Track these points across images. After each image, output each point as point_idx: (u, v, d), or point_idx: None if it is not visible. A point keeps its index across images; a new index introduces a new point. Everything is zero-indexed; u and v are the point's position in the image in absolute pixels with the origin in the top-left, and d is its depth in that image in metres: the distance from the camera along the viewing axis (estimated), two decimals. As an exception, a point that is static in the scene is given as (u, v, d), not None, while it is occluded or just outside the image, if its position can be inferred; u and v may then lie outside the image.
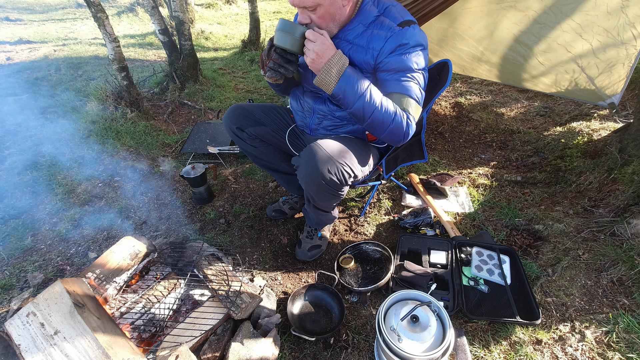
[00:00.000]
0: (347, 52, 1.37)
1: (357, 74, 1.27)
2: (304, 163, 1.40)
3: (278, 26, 1.26)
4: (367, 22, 1.35)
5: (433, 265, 1.73)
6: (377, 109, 1.27)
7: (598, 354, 1.36)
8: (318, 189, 1.45)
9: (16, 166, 2.66)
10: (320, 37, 1.22)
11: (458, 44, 3.11)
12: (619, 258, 1.65)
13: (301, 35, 1.24)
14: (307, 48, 1.23)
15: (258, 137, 1.73)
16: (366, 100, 1.25)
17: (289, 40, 1.25)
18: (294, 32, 1.23)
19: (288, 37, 1.25)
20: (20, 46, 5.95)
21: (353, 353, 1.44)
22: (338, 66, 1.24)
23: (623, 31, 2.23)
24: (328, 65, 1.23)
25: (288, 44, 1.26)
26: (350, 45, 1.37)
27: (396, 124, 1.30)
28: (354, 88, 1.25)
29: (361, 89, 1.25)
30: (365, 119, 1.30)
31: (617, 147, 2.20)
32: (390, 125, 1.30)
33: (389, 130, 1.32)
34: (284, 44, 1.26)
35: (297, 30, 1.23)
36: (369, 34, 1.33)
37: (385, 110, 1.27)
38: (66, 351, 1.07)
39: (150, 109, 3.40)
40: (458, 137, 2.94)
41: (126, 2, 8.99)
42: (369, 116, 1.28)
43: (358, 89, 1.25)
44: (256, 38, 5.35)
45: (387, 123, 1.29)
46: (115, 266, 1.51)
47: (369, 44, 1.33)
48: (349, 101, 1.27)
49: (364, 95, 1.25)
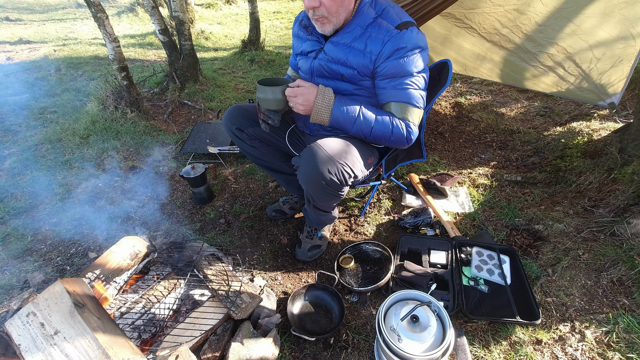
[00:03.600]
0: (345, 56, 1.38)
1: (345, 101, 1.36)
2: (304, 163, 1.40)
3: (259, 93, 1.39)
4: (364, 25, 1.35)
5: (433, 265, 1.73)
6: (374, 127, 1.36)
7: (598, 354, 1.36)
8: (318, 189, 1.45)
9: (16, 166, 2.66)
10: (297, 90, 1.33)
11: (463, 42, 3.11)
12: (619, 258, 1.65)
13: (282, 94, 1.36)
14: (293, 103, 1.36)
15: (257, 137, 1.73)
16: (361, 121, 1.36)
17: (272, 103, 1.39)
18: (275, 96, 1.37)
19: (270, 102, 1.39)
20: (20, 46, 5.95)
21: (353, 353, 1.44)
22: (325, 102, 1.34)
23: (622, 31, 2.24)
24: (317, 106, 1.35)
25: (273, 106, 1.40)
26: (349, 49, 1.38)
27: (396, 134, 1.38)
28: (346, 116, 1.35)
29: (353, 114, 1.35)
30: (366, 137, 1.41)
31: (617, 147, 2.20)
32: (390, 137, 1.39)
33: (391, 141, 1.40)
34: (269, 107, 1.41)
35: (276, 94, 1.36)
36: (366, 37, 1.34)
37: (383, 125, 1.36)
38: (66, 351, 1.07)
39: (150, 109, 3.40)
40: (458, 137, 2.94)
41: (126, 2, 9.00)
42: (368, 134, 1.38)
43: (350, 115, 1.35)
44: (256, 38, 5.35)
45: (387, 135, 1.38)
46: (115, 266, 1.51)
47: (366, 47, 1.34)
48: (346, 127, 1.38)
49: (357, 118, 1.35)
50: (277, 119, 1.47)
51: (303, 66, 1.58)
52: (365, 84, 1.43)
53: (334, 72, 1.45)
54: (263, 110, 1.47)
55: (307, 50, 1.53)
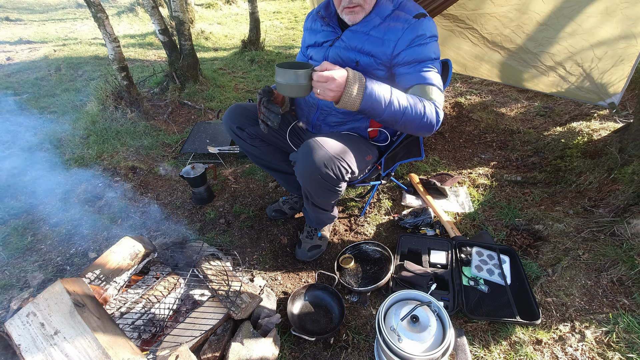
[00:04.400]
0: (362, 44, 1.41)
1: (376, 84, 1.23)
2: (301, 158, 1.41)
3: (279, 78, 1.18)
4: (383, 16, 1.39)
5: (433, 265, 1.73)
6: (407, 110, 1.26)
7: (598, 354, 1.36)
8: (315, 184, 1.45)
9: (16, 166, 2.66)
10: (328, 75, 1.14)
11: (462, 43, 3.11)
12: (619, 258, 1.65)
13: (307, 80, 1.17)
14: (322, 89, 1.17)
15: (258, 136, 1.73)
16: (394, 105, 1.24)
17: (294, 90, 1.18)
18: (298, 81, 1.16)
19: (293, 88, 1.18)
20: (20, 46, 5.95)
21: (353, 353, 1.44)
22: (357, 85, 1.19)
23: (623, 31, 2.23)
24: (348, 91, 1.19)
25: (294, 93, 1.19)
26: (367, 36, 1.40)
27: (427, 116, 1.29)
28: (379, 99, 1.22)
29: (386, 97, 1.23)
30: (397, 122, 1.29)
31: (617, 147, 2.20)
32: (422, 119, 1.29)
33: (422, 124, 1.30)
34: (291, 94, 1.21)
35: (300, 79, 1.16)
36: (385, 27, 1.38)
37: (415, 107, 1.27)
38: (66, 351, 1.07)
39: (150, 109, 3.40)
40: (458, 137, 2.94)
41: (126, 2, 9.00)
42: (400, 117, 1.27)
43: (383, 98, 1.22)
44: (256, 38, 5.35)
45: (419, 118, 1.28)
46: (115, 266, 1.51)
47: (384, 35, 1.37)
48: (377, 112, 1.25)
49: (391, 101, 1.23)
50: (276, 120, 1.41)
51: (316, 55, 1.58)
52: (379, 74, 1.44)
53: (349, 59, 1.46)
54: (264, 105, 1.42)
55: (322, 41, 1.55)
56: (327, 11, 1.52)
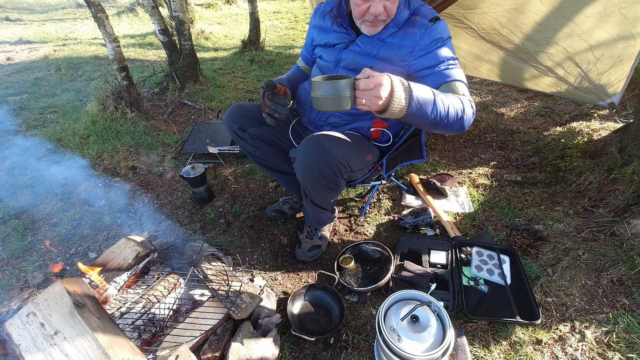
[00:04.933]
0: (377, 50, 1.41)
1: (417, 85, 1.10)
2: (301, 154, 1.41)
3: (319, 92, 1.05)
4: (400, 23, 1.39)
5: (433, 265, 1.73)
6: (449, 109, 1.16)
7: (598, 354, 1.36)
8: (313, 180, 1.46)
9: (16, 166, 2.66)
10: (373, 81, 1.01)
11: (460, 43, 3.11)
12: (619, 258, 1.65)
13: (351, 90, 1.03)
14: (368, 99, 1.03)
15: (259, 137, 1.72)
16: (439, 106, 1.13)
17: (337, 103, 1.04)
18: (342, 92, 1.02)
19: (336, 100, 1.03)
20: (20, 46, 5.95)
21: (353, 353, 1.44)
22: (403, 90, 1.06)
23: (622, 31, 2.23)
24: (395, 98, 1.05)
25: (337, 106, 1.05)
26: (382, 43, 1.40)
27: (467, 113, 1.22)
28: (426, 102, 1.10)
29: (430, 98, 1.11)
30: (438, 125, 1.18)
31: (617, 147, 2.20)
32: (463, 116, 1.21)
33: (461, 123, 1.22)
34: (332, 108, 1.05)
35: (345, 90, 1.02)
36: (401, 34, 1.38)
37: (456, 107, 1.18)
38: (66, 351, 1.07)
39: (150, 109, 3.40)
40: (458, 137, 2.94)
41: (126, 2, 9.00)
42: (444, 119, 1.16)
43: (429, 100, 1.10)
44: (256, 38, 5.35)
45: (460, 116, 1.20)
46: (115, 266, 1.51)
47: (401, 41, 1.38)
48: (423, 116, 1.12)
49: (435, 102, 1.12)
50: (284, 112, 1.36)
51: (327, 57, 1.55)
52: None
53: (362, 64, 1.45)
54: (269, 98, 1.37)
55: (334, 42, 1.52)
56: (339, 11, 1.50)
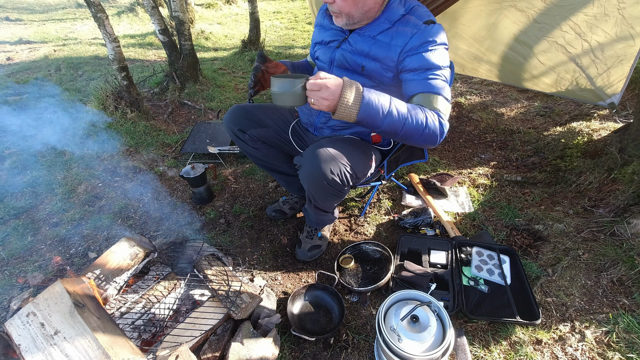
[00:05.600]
0: (368, 48, 1.38)
1: (374, 93, 1.16)
2: (307, 163, 1.40)
3: (274, 87, 1.17)
4: (393, 20, 1.35)
5: (433, 265, 1.73)
6: (407, 120, 1.18)
7: (598, 354, 1.36)
8: (320, 189, 1.45)
9: (16, 166, 2.66)
10: (322, 83, 1.10)
11: (459, 43, 3.11)
12: (619, 258, 1.65)
13: (302, 89, 1.15)
14: (315, 99, 1.13)
15: (260, 139, 1.72)
16: (393, 114, 1.16)
17: (289, 99, 1.16)
18: (294, 90, 1.14)
19: (287, 97, 1.15)
20: (20, 46, 5.95)
21: (353, 353, 1.44)
22: (353, 94, 1.12)
23: (622, 31, 2.23)
24: (344, 101, 1.12)
25: (290, 102, 1.16)
26: (373, 40, 1.37)
27: (430, 127, 1.22)
28: (377, 109, 1.15)
29: (384, 107, 1.15)
30: (397, 133, 1.21)
31: (617, 147, 2.20)
32: (424, 131, 1.21)
33: (424, 135, 1.23)
34: (286, 103, 1.17)
35: (296, 87, 1.14)
36: (393, 31, 1.34)
37: (416, 118, 1.19)
38: (66, 351, 1.07)
39: (150, 109, 3.40)
40: (458, 137, 2.94)
41: (126, 2, 8.99)
42: (400, 129, 1.20)
43: (381, 107, 1.15)
44: (256, 38, 5.35)
45: (420, 130, 1.21)
46: (115, 266, 1.51)
47: (392, 40, 1.34)
48: (375, 123, 1.18)
49: (390, 111, 1.16)
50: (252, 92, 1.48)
51: (322, 56, 1.55)
52: (385, 81, 1.41)
53: (355, 63, 1.43)
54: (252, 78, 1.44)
55: (328, 40, 1.52)
56: None
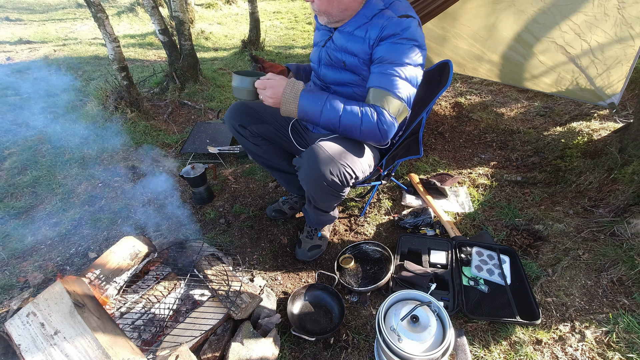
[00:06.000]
0: (346, 43, 1.40)
1: (312, 92, 1.32)
2: (306, 164, 1.40)
3: (233, 82, 1.41)
4: (370, 15, 1.36)
5: (433, 265, 1.73)
6: (342, 116, 1.29)
7: (598, 354, 1.36)
8: (320, 190, 1.45)
9: (16, 166, 2.66)
10: (266, 82, 1.31)
11: (459, 43, 3.12)
12: (619, 258, 1.65)
13: (252, 86, 1.35)
14: (262, 96, 1.34)
15: (260, 135, 1.73)
16: (327, 110, 1.29)
17: (243, 93, 1.40)
18: (244, 86, 1.38)
19: (241, 91, 1.40)
20: (20, 46, 5.94)
21: (353, 353, 1.44)
22: (292, 94, 1.30)
23: (621, 31, 2.24)
24: (284, 98, 1.31)
25: (244, 96, 1.40)
26: (351, 36, 1.39)
27: (366, 124, 1.28)
28: (313, 105, 1.30)
29: (320, 103, 1.30)
30: (337, 128, 1.32)
31: (617, 147, 2.20)
32: (361, 126, 1.29)
33: (363, 132, 1.30)
34: (241, 96, 1.41)
35: (246, 84, 1.38)
36: (369, 25, 1.35)
37: (351, 114, 1.28)
38: (66, 351, 1.07)
39: (150, 109, 3.39)
40: (458, 137, 2.94)
41: (126, 2, 8.99)
42: (337, 124, 1.30)
43: (317, 104, 1.30)
44: (256, 38, 5.35)
45: (357, 125, 1.29)
46: (115, 266, 1.51)
47: (366, 33, 1.35)
48: (314, 117, 1.32)
49: (324, 107, 1.30)
50: None
51: (313, 56, 1.61)
52: (365, 74, 1.43)
53: (338, 60, 1.46)
54: None
55: (318, 40, 1.57)
56: None
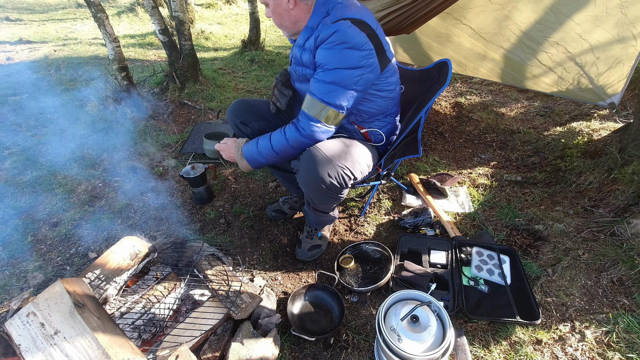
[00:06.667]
0: (301, 56, 1.42)
1: (249, 142, 1.54)
2: (304, 167, 1.40)
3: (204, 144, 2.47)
4: (315, 25, 1.35)
5: (433, 265, 1.73)
6: (273, 146, 1.45)
7: (598, 354, 1.36)
8: (318, 192, 1.46)
9: (16, 166, 2.66)
10: (222, 146, 1.62)
11: (462, 41, 3.11)
12: (619, 258, 1.65)
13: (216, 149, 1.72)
14: (224, 156, 1.62)
15: (261, 132, 1.72)
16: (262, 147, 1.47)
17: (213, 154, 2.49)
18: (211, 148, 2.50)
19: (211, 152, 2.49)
20: (20, 46, 5.94)
21: (353, 353, 1.44)
22: (238, 151, 1.55)
23: (622, 31, 2.23)
24: (237, 156, 1.56)
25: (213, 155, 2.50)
26: (301, 49, 1.41)
27: (291, 139, 1.41)
28: (252, 151, 1.50)
29: (254, 147, 1.50)
30: (279, 156, 1.48)
31: (617, 147, 2.20)
32: (288, 142, 1.42)
33: (292, 146, 1.43)
34: (211, 155, 2.56)
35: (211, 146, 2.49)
36: (314, 35, 1.35)
37: (277, 139, 1.44)
38: (66, 351, 1.07)
39: (150, 109, 3.39)
40: (458, 137, 2.94)
41: (126, 2, 8.99)
42: (273, 152, 1.46)
43: (253, 149, 1.50)
44: (256, 38, 5.35)
45: (286, 144, 1.43)
46: (115, 266, 1.51)
47: (311, 43, 1.36)
48: (259, 159, 1.50)
49: (257, 147, 1.49)
50: (284, 102, 1.62)
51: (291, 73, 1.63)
52: None
53: (301, 74, 1.48)
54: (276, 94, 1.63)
55: (290, 58, 1.57)
56: None
